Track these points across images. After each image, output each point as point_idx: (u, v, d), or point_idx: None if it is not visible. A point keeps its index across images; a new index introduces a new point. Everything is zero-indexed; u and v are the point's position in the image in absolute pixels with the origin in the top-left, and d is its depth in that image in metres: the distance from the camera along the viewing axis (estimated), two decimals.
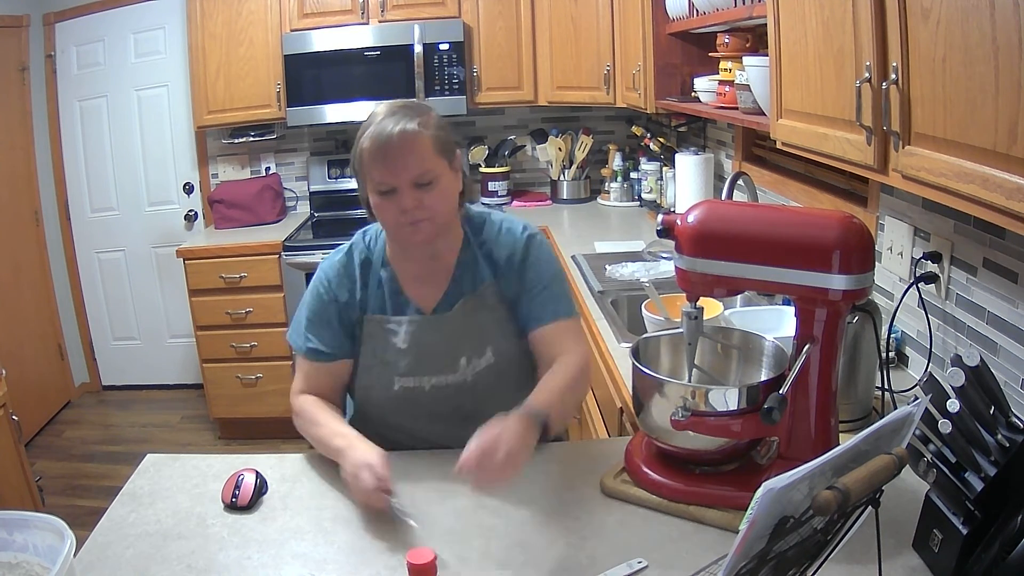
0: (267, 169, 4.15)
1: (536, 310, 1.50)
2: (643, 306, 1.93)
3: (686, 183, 3.03)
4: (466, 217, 1.55)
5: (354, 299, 1.52)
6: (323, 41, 3.63)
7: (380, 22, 3.68)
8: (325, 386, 1.54)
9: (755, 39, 2.21)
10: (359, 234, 1.58)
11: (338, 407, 1.55)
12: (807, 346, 1.22)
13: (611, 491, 1.33)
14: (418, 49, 3.60)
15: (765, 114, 1.94)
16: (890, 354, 1.68)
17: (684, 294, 1.30)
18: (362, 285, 1.52)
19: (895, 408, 1.03)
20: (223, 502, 1.35)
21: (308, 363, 1.53)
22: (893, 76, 1.15)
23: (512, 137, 4.14)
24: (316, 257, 3.37)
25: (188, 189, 4.22)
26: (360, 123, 1.43)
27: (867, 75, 1.22)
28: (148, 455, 1.54)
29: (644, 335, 1.53)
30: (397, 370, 1.50)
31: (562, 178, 4.11)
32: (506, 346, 1.52)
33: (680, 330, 1.34)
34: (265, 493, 1.38)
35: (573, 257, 2.97)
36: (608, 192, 4.02)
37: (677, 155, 3.08)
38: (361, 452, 1.33)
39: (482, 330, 1.51)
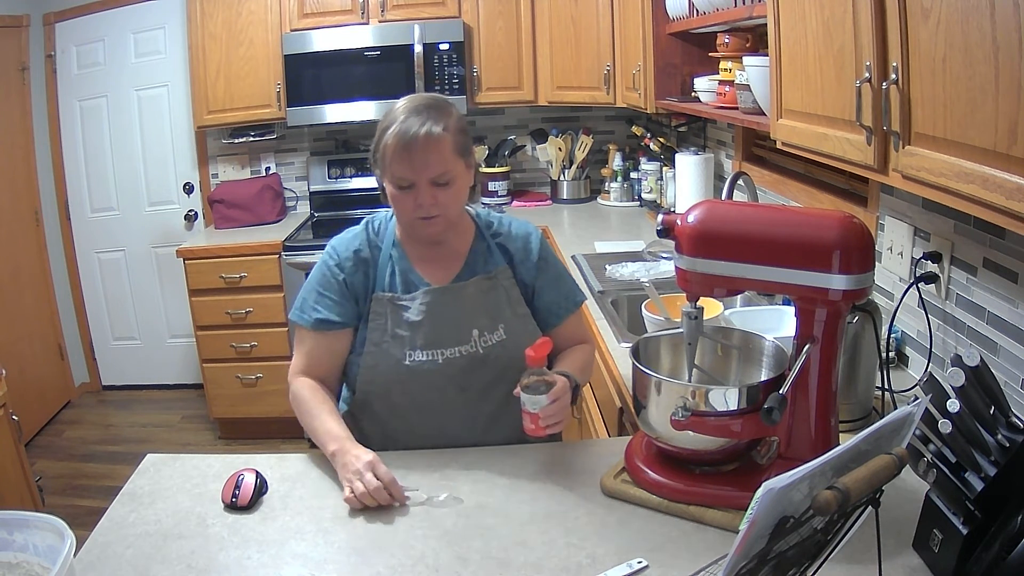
0: (267, 169, 4.15)
1: (554, 306, 1.61)
2: (643, 306, 1.93)
3: (686, 183, 3.03)
4: (475, 215, 1.63)
5: (363, 276, 1.56)
6: (323, 41, 3.63)
7: (380, 22, 3.68)
8: (325, 364, 1.56)
9: (755, 39, 2.21)
10: (366, 222, 1.64)
11: (334, 392, 1.59)
12: (807, 346, 1.22)
13: (611, 491, 1.33)
14: (418, 49, 3.60)
15: (765, 114, 1.94)
16: (890, 354, 1.68)
17: (684, 294, 1.30)
18: (372, 263, 1.57)
19: (895, 408, 1.03)
20: (223, 502, 1.35)
21: (312, 337, 1.55)
22: (893, 76, 1.15)
23: (512, 137, 4.14)
24: (316, 257, 3.30)
25: (188, 189, 4.22)
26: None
27: (867, 75, 1.22)
28: (148, 455, 1.54)
29: (644, 335, 1.54)
30: (412, 344, 1.51)
31: (562, 178, 4.11)
32: (517, 325, 1.57)
33: (680, 330, 1.34)
34: (265, 493, 1.38)
35: (573, 257, 2.96)
36: (608, 192, 4.02)
37: (677, 155, 3.08)
38: (355, 456, 1.36)
39: (496, 307, 1.56)
